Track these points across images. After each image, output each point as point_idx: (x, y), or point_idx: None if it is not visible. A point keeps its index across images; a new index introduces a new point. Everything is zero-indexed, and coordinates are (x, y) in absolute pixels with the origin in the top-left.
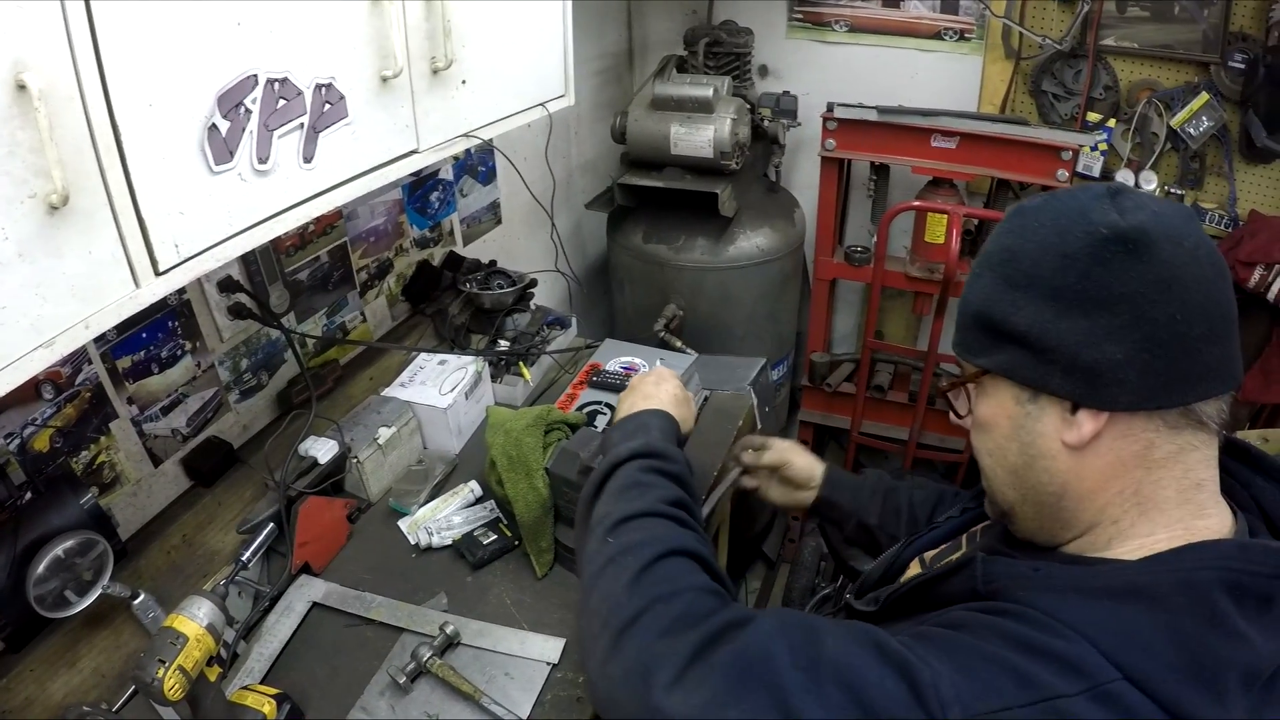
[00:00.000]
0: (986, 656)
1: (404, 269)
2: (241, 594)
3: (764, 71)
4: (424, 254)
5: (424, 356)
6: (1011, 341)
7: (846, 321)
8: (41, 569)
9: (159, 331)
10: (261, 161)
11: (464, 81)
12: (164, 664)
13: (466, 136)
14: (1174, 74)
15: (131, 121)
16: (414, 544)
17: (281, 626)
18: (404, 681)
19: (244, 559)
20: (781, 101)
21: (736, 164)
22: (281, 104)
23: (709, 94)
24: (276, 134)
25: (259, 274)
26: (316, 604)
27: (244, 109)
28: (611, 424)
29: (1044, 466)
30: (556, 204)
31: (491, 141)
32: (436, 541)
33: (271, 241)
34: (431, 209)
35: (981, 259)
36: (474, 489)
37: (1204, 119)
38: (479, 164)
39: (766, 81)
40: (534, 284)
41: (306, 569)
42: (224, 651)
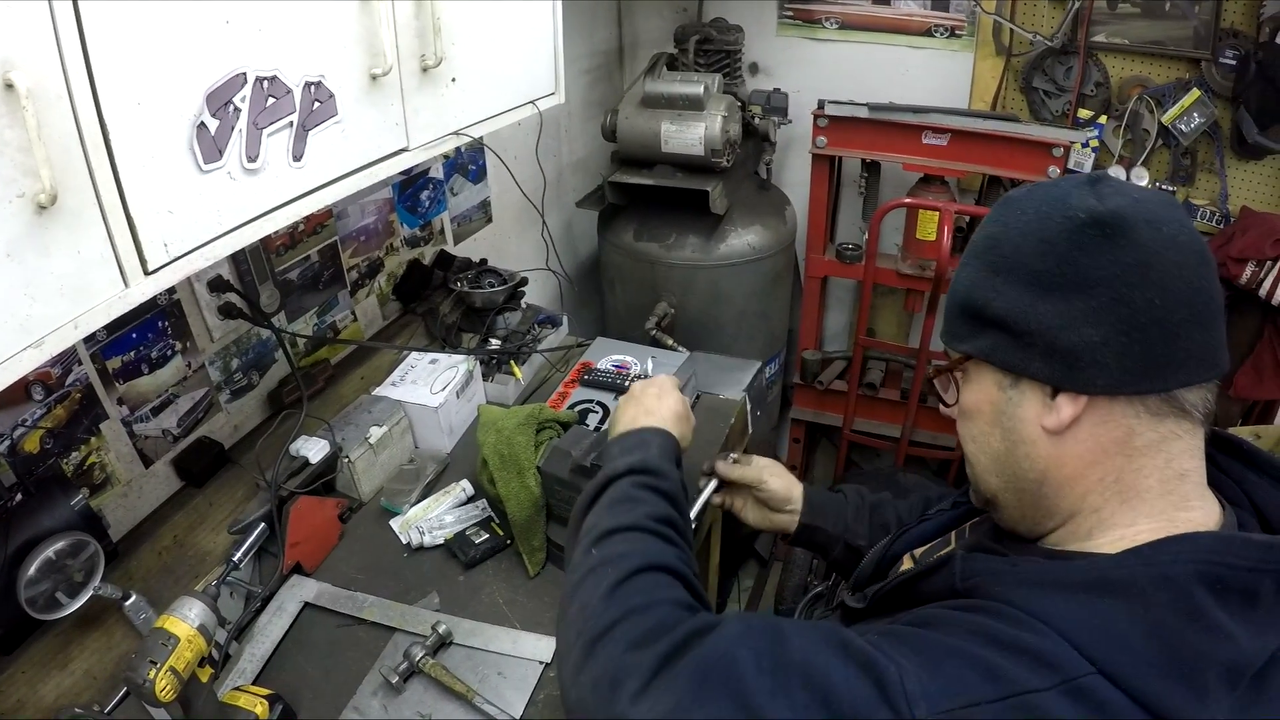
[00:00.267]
0: (954, 652)
1: (395, 268)
2: (233, 594)
3: (754, 69)
4: (415, 253)
5: (415, 356)
6: (993, 326)
7: (838, 319)
8: (32, 571)
9: (149, 332)
10: (251, 160)
11: (454, 79)
12: (155, 665)
13: (456, 134)
14: (1165, 70)
15: (120, 120)
16: (406, 543)
17: (273, 627)
18: (396, 681)
19: (235, 559)
20: (772, 99)
21: (727, 162)
22: (271, 102)
23: (699, 91)
24: (266, 132)
25: (249, 273)
26: (308, 604)
27: (233, 107)
28: (608, 427)
29: (1025, 453)
30: (547, 202)
31: (482, 139)
32: (428, 541)
33: (261, 241)
34: (422, 208)
35: (969, 248)
36: (466, 488)
37: (1195, 115)
38: (469, 162)
39: (757, 79)
40: (525, 282)
41: (298, 569)
42: (216, 652)
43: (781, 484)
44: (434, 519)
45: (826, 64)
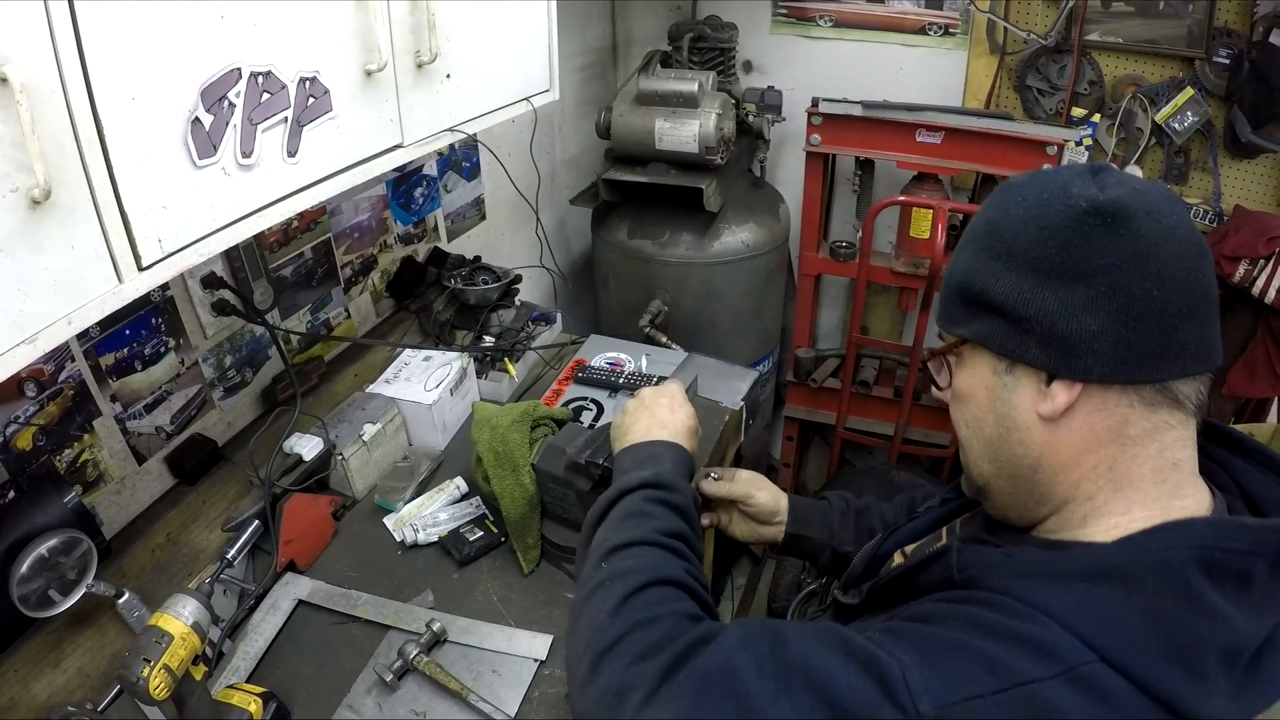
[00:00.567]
0: (955, 645)
1: (388, 265)
2: (226, 592)
3: (748, 67)
4: (408, 250)
5: (409, 353)
6: (990, 311)
7: (831, 317)
8: (25, 568)
9: (142, 328)
10: (245, 155)
11: (448, 76)
12: (149, 663)
13: (451, 131)
14: (1159, 69)
15: (114, 115)
16: (400, 541)
17: (267, 625)
18: (391, 679)
19: (229, 557)
20: (766, 97)
21: (721, 159)
22: (265, 98)
23: (694, 89)
24: (260, 128)
25: (243, 270)
26: (302, 602)
27: (227, 102)
28: (615, 429)
29: (1018, 439)
30: (541, 199)
31: (476, 136)
32: (422, 538)
33: (255, 237)
34: (416, 205)
35: (967, 232)
36: (460, 485)
37: (1189, 114)
38: (463, 159)
39: (751, 77)
40: (519, 280)
41: (292, 567)
42: (209, 650)
43: (769, 496)
44: (428, 516)
45: (820, 62)
